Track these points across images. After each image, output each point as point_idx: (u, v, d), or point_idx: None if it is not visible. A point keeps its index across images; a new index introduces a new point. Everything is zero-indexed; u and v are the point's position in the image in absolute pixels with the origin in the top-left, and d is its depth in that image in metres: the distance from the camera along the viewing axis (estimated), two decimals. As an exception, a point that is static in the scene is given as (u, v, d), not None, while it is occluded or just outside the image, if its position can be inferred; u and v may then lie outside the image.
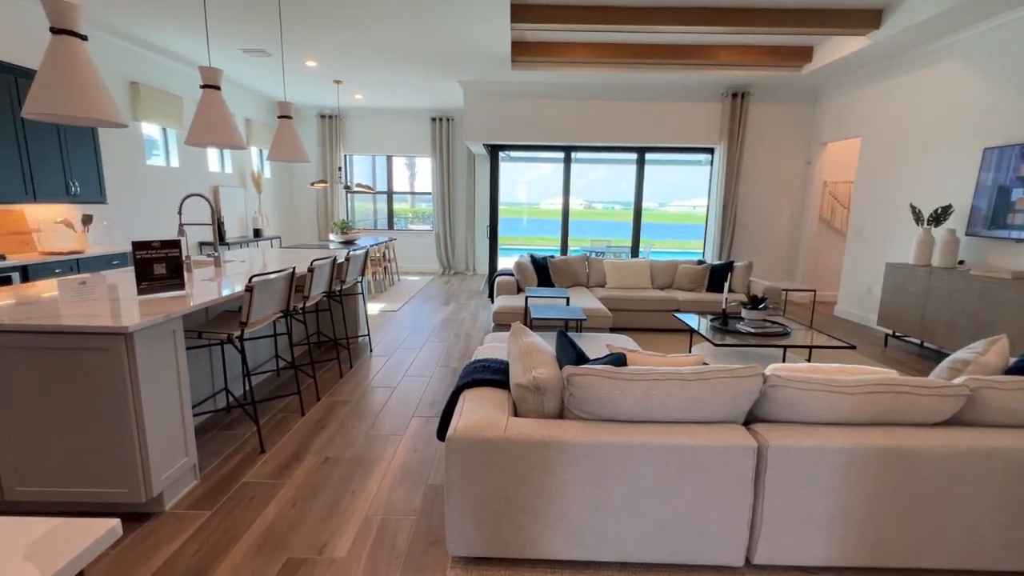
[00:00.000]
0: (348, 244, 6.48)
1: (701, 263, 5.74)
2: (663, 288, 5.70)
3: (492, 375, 2.13)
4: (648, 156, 7.39)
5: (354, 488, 2.31)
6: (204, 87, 2.94)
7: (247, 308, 2.51)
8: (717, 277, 5.47)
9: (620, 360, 1.92)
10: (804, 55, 5.78)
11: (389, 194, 9.38)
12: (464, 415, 1.79)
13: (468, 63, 5.83)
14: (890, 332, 5.08)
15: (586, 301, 4.74)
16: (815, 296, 5.23)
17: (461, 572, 1.76)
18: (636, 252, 7.74)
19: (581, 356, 2.06)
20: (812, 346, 3.41)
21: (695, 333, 3.95)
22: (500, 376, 2.13)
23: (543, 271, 5.47)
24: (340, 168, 8.85)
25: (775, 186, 7.10)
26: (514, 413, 1.87)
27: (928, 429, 1.74)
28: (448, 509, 1.74)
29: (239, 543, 1.92)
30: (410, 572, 1.79)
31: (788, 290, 5.31)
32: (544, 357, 1.98)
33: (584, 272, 5.70)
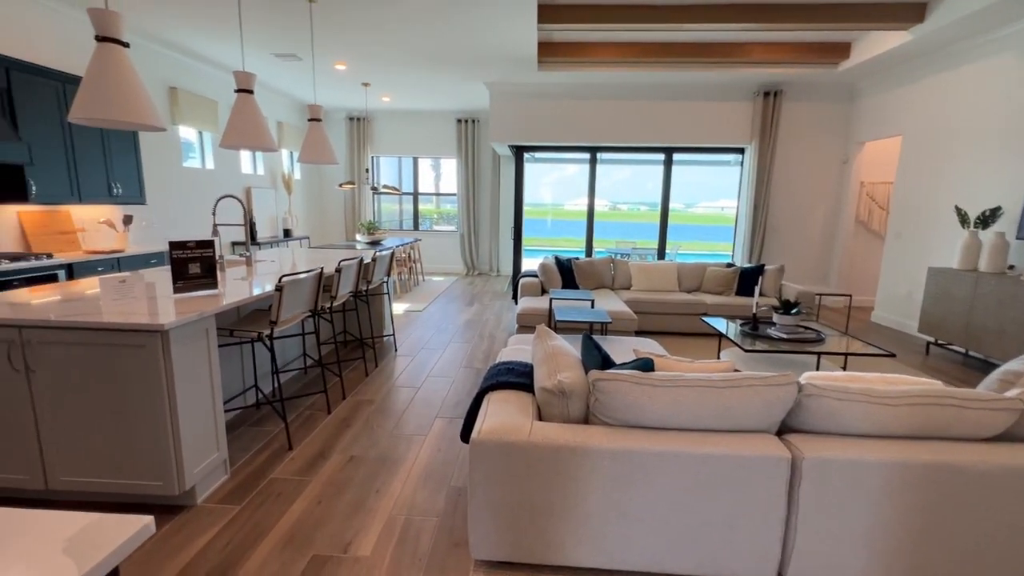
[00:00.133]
0: (374, 244, 6.57)
1: (730, 266, 5.60)
2: (690, 291, 5.58)
3: (516, 378, 2.12)
4: (676, 156, 7.26)
5: (378, 487, 2.33)
6: (238, 91, 3.02)
7: (277, 307, 2.56)
8: (747, 280, 5.32)
9: (647, 365, 1.88)
10: (841, 51, 5.58)
11: (415, 195, 9.48)
12: (488, 418, 1.79)
13: (494, 65, 5.84)
14: (932, 340, 4.85)
15: (611, 304, 4.68)
16: (851, 301, 5.04)
17: (484, 576, 1.75)
18: (663, 254, 7.61)
19: (607, 360, 2.03)
20: (848, 353, 3.28)
21: (724, 338, 3.85)
22: (524, 379, 2.12)
23: (567, 273, 5.43)
24: (367, 169, 8.99)
25: (809, 187, 6.87)
26: (538, 417, 1.85)
27: (977, 444, 1.65)
28: (471, 512, 1.73)
29: (267, 538, 1.96)
30: (433, 574, 1.79)
31: (822, 294, 5.14)
32: (569, 361, 1.96)
33: (609, 274, 5.64)
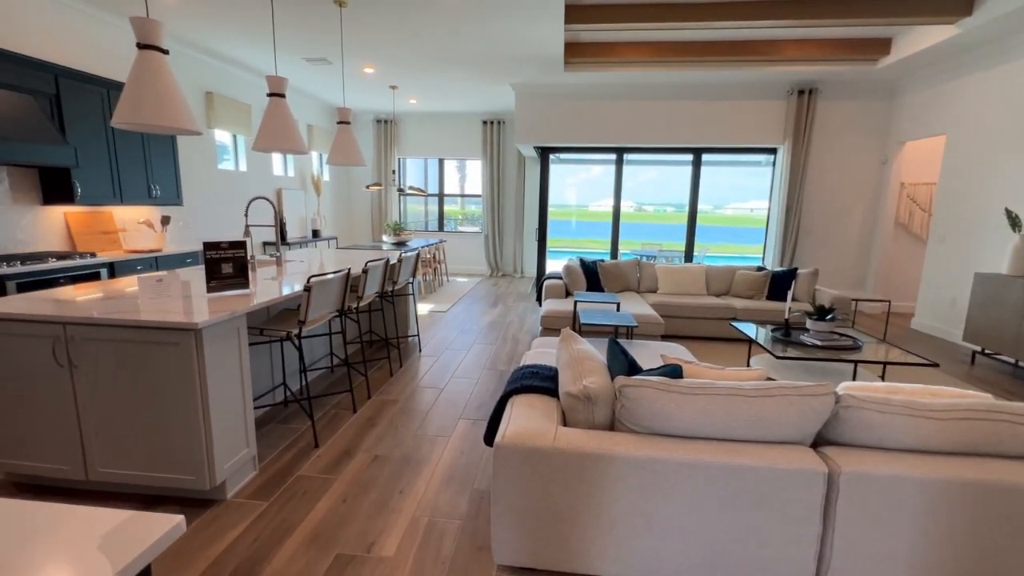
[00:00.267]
0: (400, 245, 6.64)
1: (761, 269, 5.45)
2: (719, 295, 5.45)
3: (541, 382, 2.10)
4: (705, 157, 7.11)
5: (402, 488, 2.34)
6: (270, 95, 3.09)
7: (305, 307, 2.60)
8: (779, 284, 5.17)
9: (675, 372, 1.83)
10: (881, 47, 5.37)
11: (440, 196, 9.55)
12: (512, 422, 1.77)
13: (520, 66, 5.83)
14: (978, 349, 4.61)
15: (637, 307, 4.61)
16: (889, 307, 4.84)
17: (506, 581, 1.74)
18: (690, 256, 7.47)
19: (633, 366, 1.99)
20: (887, 362, 3.14)
21: (754, 343, 3.74)
22: (549, 383, 2.10)
23: (592, 275, 5.37)
24: (394, 171, 9.10)
25: (845, 188, 6.64)
26: (563, 422, 1.82)
27: (1032, 463, 1.55)
28: (494, 516, 1.72)
29: (293, 535, 1.99)
30: (455, 577, 1.79)
31: (858, 300, 4.95)
32: (595, 366, 1.93)
33: (635, 276, 5.56)
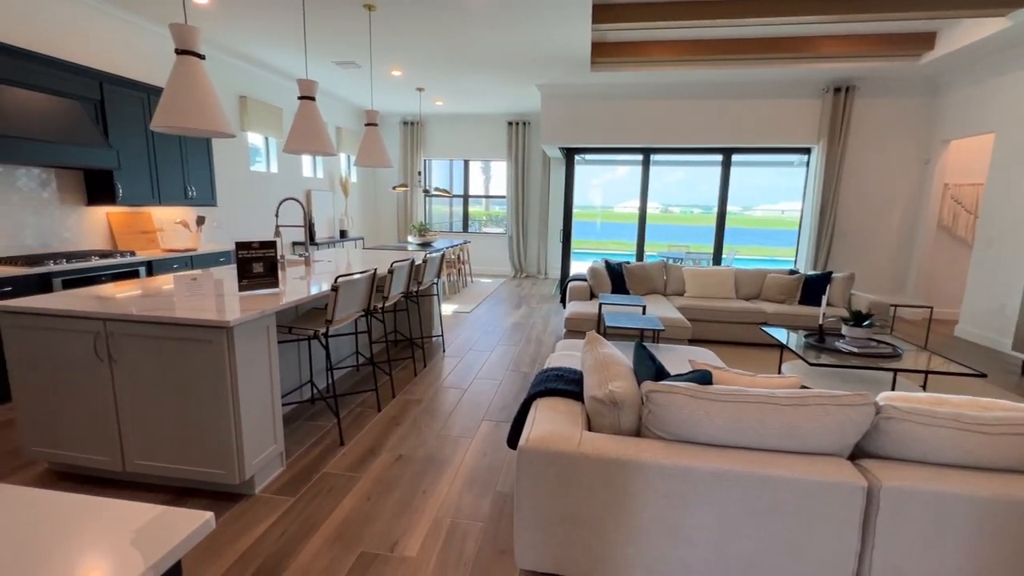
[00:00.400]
0: (425, 246, 6.69)
1: (793, 273, 5.29)
2: (749, 299, 5.31)
3: (565, 385, 2.07)
4: (735, 158, 6.95)
5: (425, 488, 2.35)
6: (301, 98, 3.15)
7: (332, 306, 2.64)
8: (812, 289, 5.00)
9: (705, 378, 1.78)
10: (924, 42, 5.14)
11: (465, 197, 9.60)
12: (536, 425, 1.75)
13: (547, 67, 5.81)
14: (1028, 358, 4.36)
15: (663, 310, 4.53)
16: (931, 314, 4.62)
17: (528, 587, 1.72)
18: (718, 259, 7.30)
19: (661, 371, 1.95)
20: (929, 371, 2.99)
21: (785, 349, 3.63)
22: (573, 387, 2.07)
23: (618, 277, 5.30)
24: (420, 172, 9.19)
25: (884, 189, 6.38)
26: (588, 427, 1.80)
27: (1094, 483, 1.45)
28: (517, 520, 1.71)
29: (318, 532, 2.01)
30: (477, 580, 1.78)
31: (897, 306, 4.74)
32: (621, 370, 1.89)
33: (661, 279, 5.47)
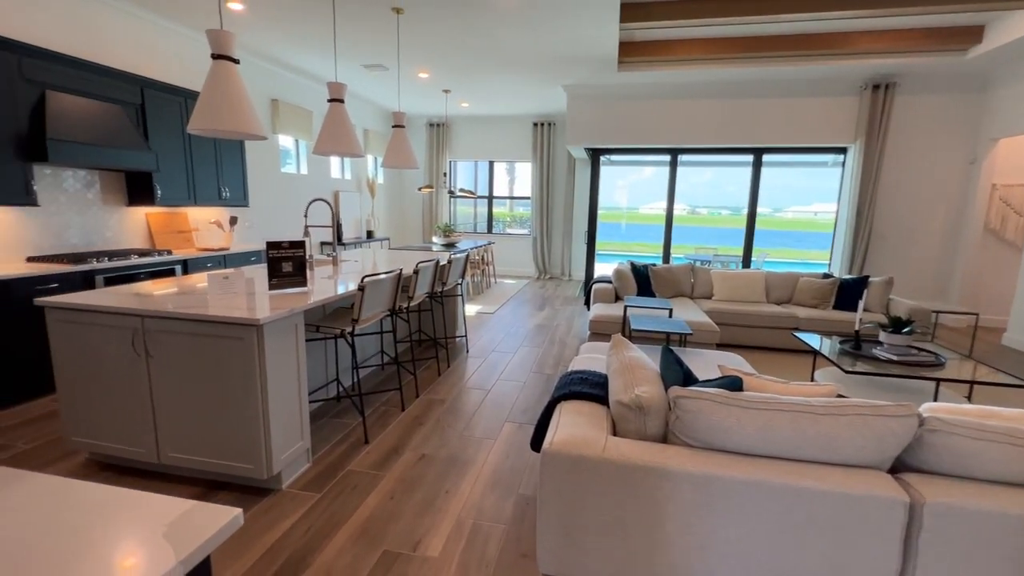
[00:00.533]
0: (450, 247, 6.73)
1: (827, 276, 5.11)
2: (780, 303, 5.16)
3: (590, 388, 2.04)
4: (766, 158, 6.77)
5: (448, 488, 2.35)
6: (331, 101, 3.21)
7: (359, 306, 2.67)
8: (848, 293, 4.83)
9: (735, 384, 1.73)
10: (971, 36, 4.91)
11: (489, 198, 9.62)
12: (560, 429, 1.73)
13: (573, 67, 5.77)
14: (1084, 370, 4.11)
15: (690, 314, 4.44)
16: (977, 321, 4.40)
17: (551, 592, 1.70)
18: (748, 262, 7.12)
19: (688, 376, 1.90)
20: (975, 382, 2.85)
21: (819, 355, 3.51)
22: (598, 391, 2.04)
23: (643, 279, 5.22)
24: (445, 174, 9.26)
25: (925, 190, 6.12)
26: (613, 432, 1.76)
27: None
28: (540, 524, 1.69)
29: (343, 529, 2.04)
30: (499, 583, 1.77)
31: (939, 312, 4.53)
32: (647, 374, 1.85)
33: (688, 282, 5.36)
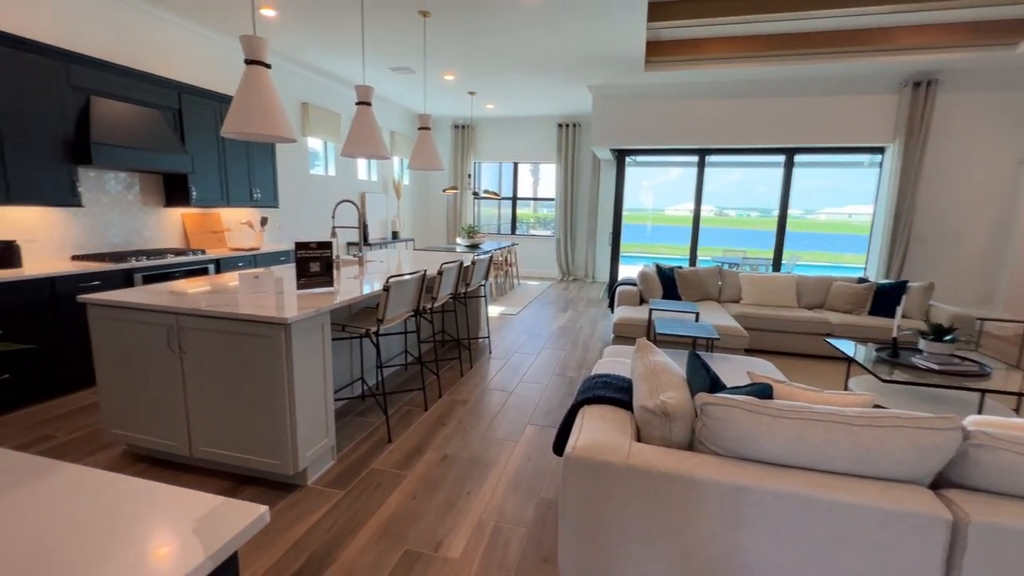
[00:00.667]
0: (473, 248, 6.76)
1: (863, 281, 4.93)
2: (812, 308, 5.00)
3: (614, 393, 2.01)
4: (798, 158, 6.58)
5: (470, 489, 2.35)
6: (358, 104, 3.25)
7: (384, 306, 2.70)
8: (885, 299, 4.65)
9: (765, 392, 1.68)
10: (1020, 29, 4.66)
11: (513, 200, 9.63)
12: (583, 433, 1.71)
13: (599, 68, 5.73)
14: None
15: (718, 318, 4.34)
16: (1025, 329, 4.17)
17: (572, 598, 1.68)
18: (778, 265, 6.93)
19: (716, 382, 1.86)
20: (1024, 393, 2.70)
21: (853, 363, 3.38)
22: (622, 395, 2.01)
23: (669, 282, 5.14)
24: (470, 175, 9.31)
25: (970, 191, 5.84)
26: (637, 438, 1.73)
27: None
28: (562, 529, 1.67)
29: (366, 526, 2.06)
30: (520, 587, 1.75)
31: (984, 319, 4.32)
32: (673, 379, 1.81)
33: (716, 285, 5.25)
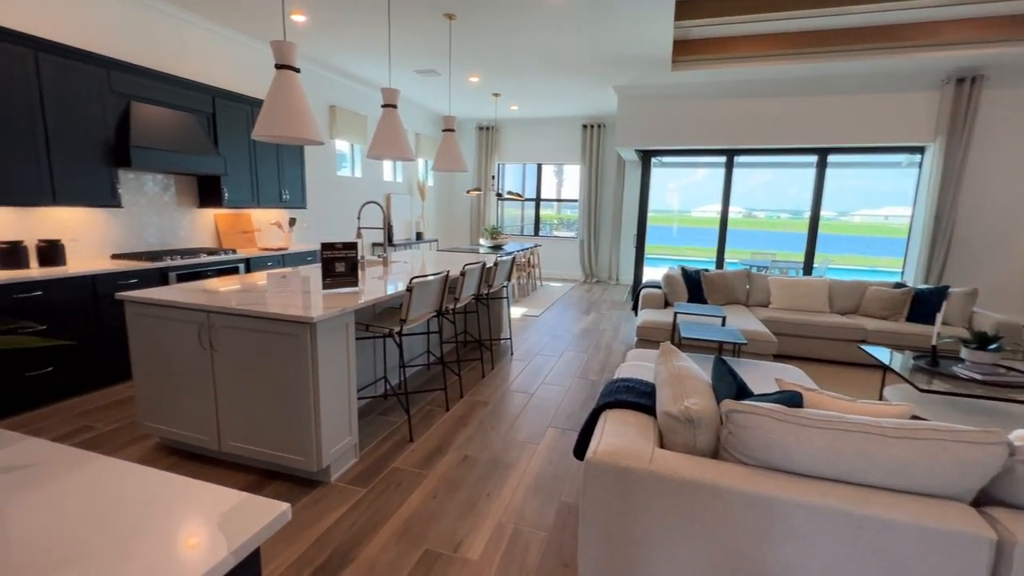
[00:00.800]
0: (496, 249, 6.77)
1: (900, 286, 4.74)
2: (845, 313, 4.84)
3: (636, 398, 1.98)
4: (831, 158, 6.38)
5: (489, 491, 2.35)
6: (384, 106, 3.30)
7: (407, 306, 2.73)
8: (924, 304, 4.46)
9: (795, 400, 1.63)
10: (1076, 22, 4.41)
11: (537, 201, 9.61)
12: (605, 438, 1.69)
13: (625, 68, 5.67)
14: None
15: (745, 322, 4.24)
16: (1078, 338, 3.93)
17: (592, 605, 1.65)
18: (810, 268, 6.73)
19: (742, 389, 1.81)
20: (1077, 407, 2.54)
21: (889, 371, 3.25)
22: (645, 400, 1.97)
23: (695, 285, 5.04)
24: (493, 176, 9.34)
25: (1017, 192, 5.55)
26: (660, 444, 1.70)
27: None
28: (582, 535, 1.65)
29: (386, 524, 2.08)
30: (539, 592, 1.74)
31: (1032, 327, 4.08)
32: (698, 385, 1.78)
33: (743, 289, 5.12)
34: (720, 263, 7.14)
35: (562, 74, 6.01)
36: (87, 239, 3.75)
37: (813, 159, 6.44)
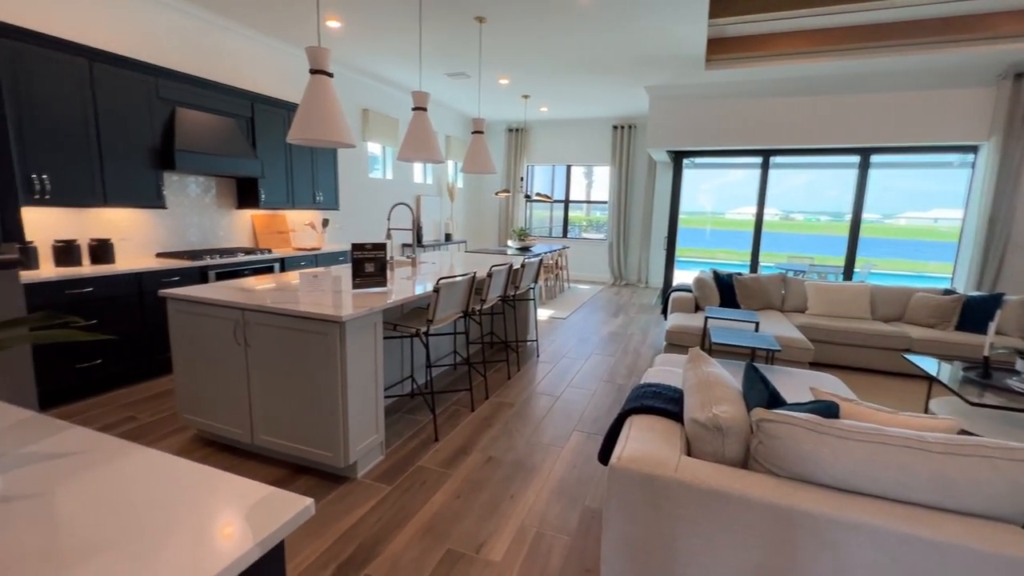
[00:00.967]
0: (524, 251, 6.76)
1: (949, 292, 4.50)
2: (888, 320, 4.62)
3: (663, 403, 1.94)
4: (874, 159, 6.11)
5: (513, 493, 2.35)
6: (415, 109, 3.34)
7: (434, 307, 2.75)
8: (975, 312, 4.21)
9: (831, 410, 1.56)
10: None
11: (566, 203, 9.56)
12: (630, 443, 1.66)
13: (657, 68, 5.58)
14: None
15: (780, 328, 4.10)
16: None
17: (614, 614, 1.63)
18: (850, 273, 6.46)
19: (775, 397, 1.75)
20: None
21: (935, 383, 3.08)
22: (672, 406, 1.93)
23: (727, 289, 4.91)
24: (522, 178, 9.34)
25: (1081, 194, 5.19)
26: (687, 452, 1.66)
27: None
28: (605, 541, 1.63)
29: (410, 522, 2.10)
30: (561, 597, 1.73)
31: (1098, 339, 3.80)
32: (727, 392, 1.73)
33: (779, 293, 4.96)
34: (754, 267, 6.93)
35: (593, 75, 5.97)
36: (135, 238, 3.94)
37: (855, 160, 6.19)
